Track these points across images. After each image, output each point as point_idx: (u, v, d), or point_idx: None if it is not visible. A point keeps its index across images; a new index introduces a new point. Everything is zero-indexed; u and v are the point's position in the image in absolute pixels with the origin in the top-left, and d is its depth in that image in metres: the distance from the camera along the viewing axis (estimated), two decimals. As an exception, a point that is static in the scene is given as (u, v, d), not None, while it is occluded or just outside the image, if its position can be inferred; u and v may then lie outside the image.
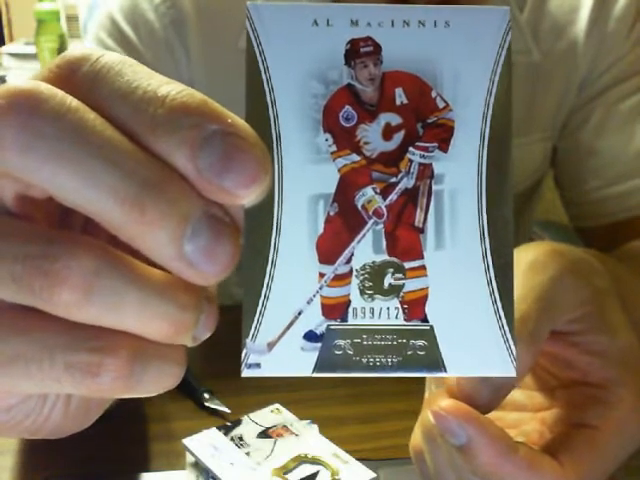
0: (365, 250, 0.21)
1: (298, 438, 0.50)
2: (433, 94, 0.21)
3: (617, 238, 0.68)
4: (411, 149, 0.21)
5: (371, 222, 0.21)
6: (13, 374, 0.20)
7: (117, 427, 0.55)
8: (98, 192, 0.19)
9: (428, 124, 0.21)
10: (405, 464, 0.50)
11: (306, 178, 0.21)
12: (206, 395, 0.57)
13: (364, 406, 0.57)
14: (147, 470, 0.50)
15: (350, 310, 0.22)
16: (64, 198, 0.20)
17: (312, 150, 0.21)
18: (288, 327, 0.22)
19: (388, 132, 0.21)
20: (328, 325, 0.22)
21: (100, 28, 0.70)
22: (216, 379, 0.59)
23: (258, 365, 0.23)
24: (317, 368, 0.22)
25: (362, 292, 0.22)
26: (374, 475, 0.47)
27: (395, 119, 0.21)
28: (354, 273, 0.22)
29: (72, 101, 0.20)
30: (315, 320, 0.22)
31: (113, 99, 0.20)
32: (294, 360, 0.22)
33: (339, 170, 0.21)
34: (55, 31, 1.81)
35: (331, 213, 0.21)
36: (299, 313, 0.22)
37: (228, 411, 0.55)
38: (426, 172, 0.21)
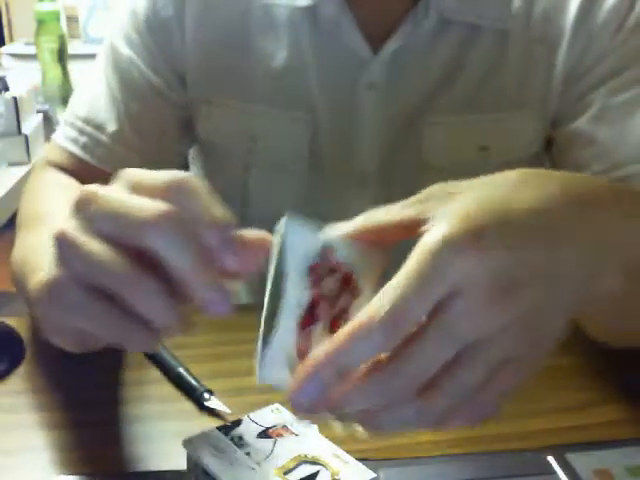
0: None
1: (298, 438, 0.50)
2: None
3: None
4: None
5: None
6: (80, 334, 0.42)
7: (118, 427, 0.55)
8: (179, 262, 0.38)
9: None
10: (405, 464, 0.50)
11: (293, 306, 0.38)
12: (206, 395, 0.57)
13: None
14: (147, 470, 0.50)
15: None
16: (163, 260, 0.38)
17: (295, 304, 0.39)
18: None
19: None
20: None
21: (127, 17, 0.78)
22: (216, 379, 0.59)
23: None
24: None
25: None
26: (374, 475, 0.47)
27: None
28: None
29: (185, 231, 0.38)
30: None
31: (200, 223, 0.39)
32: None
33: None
34: (55, 32, 1.81)
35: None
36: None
37: (228, 411, 0.55)
38: None
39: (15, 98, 1.48)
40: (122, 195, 0.39)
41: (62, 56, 1.82)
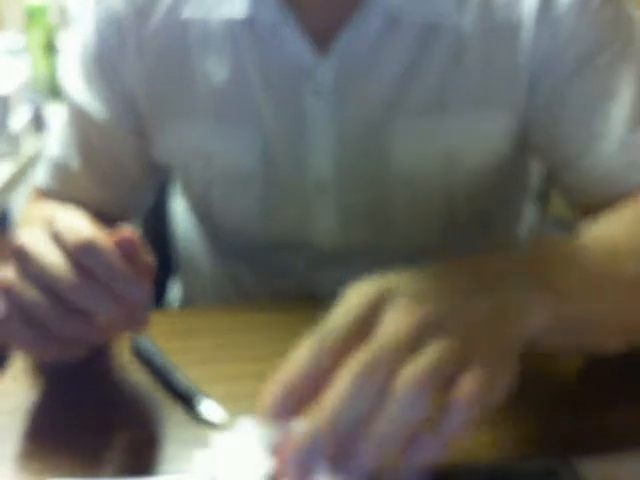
0: None
1: None
2: None
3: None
4: None
5: None
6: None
7: (111, 432, 0.55)
8: (97, 312, 0.50)
9: None
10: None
11: None
12: (201, 399, 0.56)
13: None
14: (142, 475, 0.50)
15: None
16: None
17: None
18: None
19: None
20: None
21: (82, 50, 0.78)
22: (211, 384, 0.58)
23: None
24: None
25: None
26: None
27: None
28: None
29: (93, 291, 0.51)
30: None
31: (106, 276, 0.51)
32: None
33: None
34: (45, 25, 1.80)
35: None
36: None
37: (223, 415, 0.54)
38: None
39: (5, 94, 1.46)
40: (44, 258, 0.49)
41: (52, 50, 1.81)
